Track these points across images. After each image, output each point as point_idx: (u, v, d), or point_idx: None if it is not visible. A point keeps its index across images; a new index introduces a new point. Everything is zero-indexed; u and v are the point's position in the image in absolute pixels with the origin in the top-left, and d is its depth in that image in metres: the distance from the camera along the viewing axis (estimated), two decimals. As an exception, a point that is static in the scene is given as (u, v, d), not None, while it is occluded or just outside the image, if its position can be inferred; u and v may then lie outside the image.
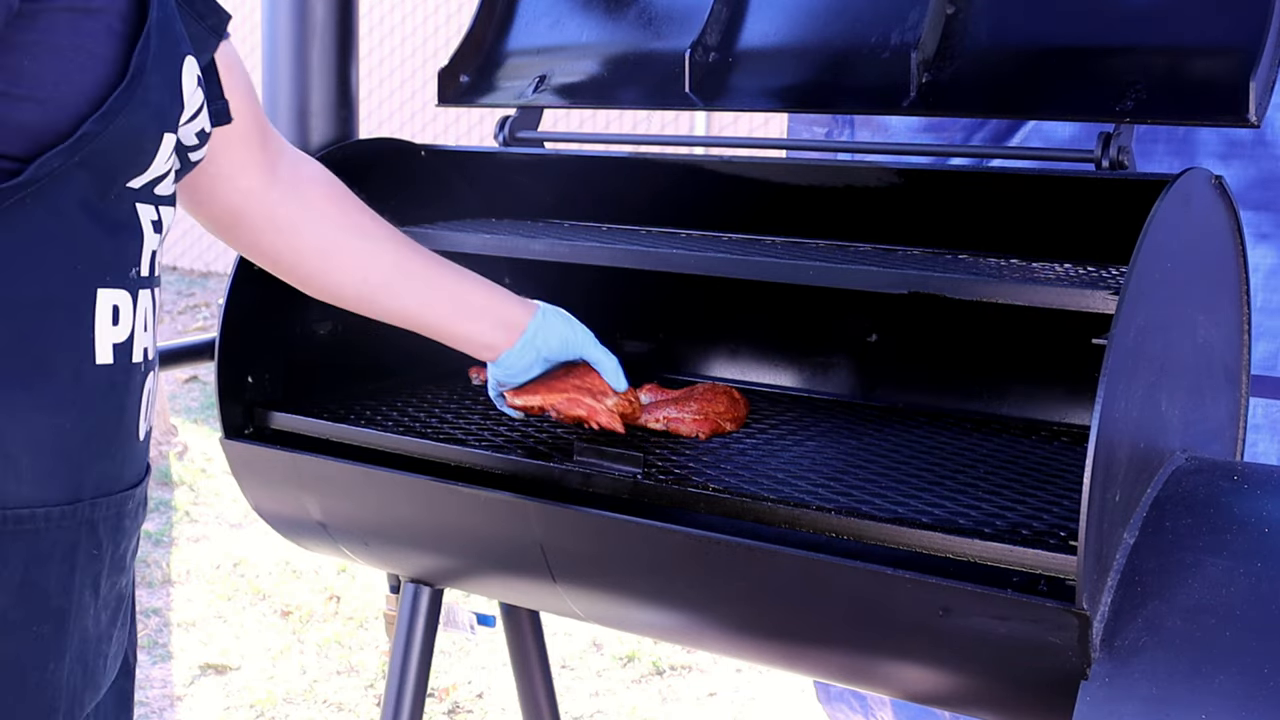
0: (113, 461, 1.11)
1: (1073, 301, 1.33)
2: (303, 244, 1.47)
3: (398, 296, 1.53)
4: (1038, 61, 1.59)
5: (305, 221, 1.47)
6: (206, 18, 1.19)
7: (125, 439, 1.12)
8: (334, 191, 1.49)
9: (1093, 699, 1.19)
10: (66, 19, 1.00)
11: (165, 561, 4.26)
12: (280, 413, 1.78)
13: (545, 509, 1.52)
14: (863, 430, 1.76)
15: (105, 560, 1.11)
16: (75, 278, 1.04)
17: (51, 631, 1.07)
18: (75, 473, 1.07)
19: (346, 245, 1.49)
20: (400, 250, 1.52)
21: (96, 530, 1.09)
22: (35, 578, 1.04)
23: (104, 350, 1.07)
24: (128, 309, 1.09)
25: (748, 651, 1.60)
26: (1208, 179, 1.42)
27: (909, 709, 2.58)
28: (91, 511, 1.08)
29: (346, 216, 1.49)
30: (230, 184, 1.40)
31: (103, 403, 1.09)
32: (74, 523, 1.07)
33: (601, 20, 1.95)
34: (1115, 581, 1.24)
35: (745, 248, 1.69)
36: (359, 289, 1.51)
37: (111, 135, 1.03)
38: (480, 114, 7.42)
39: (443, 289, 1.54)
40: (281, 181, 1.44)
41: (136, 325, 1.11)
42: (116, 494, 1.12)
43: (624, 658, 3.65)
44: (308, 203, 1.47)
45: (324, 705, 3.38)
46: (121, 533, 1.13)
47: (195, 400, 6.07)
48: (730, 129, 6.88)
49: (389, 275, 1.51)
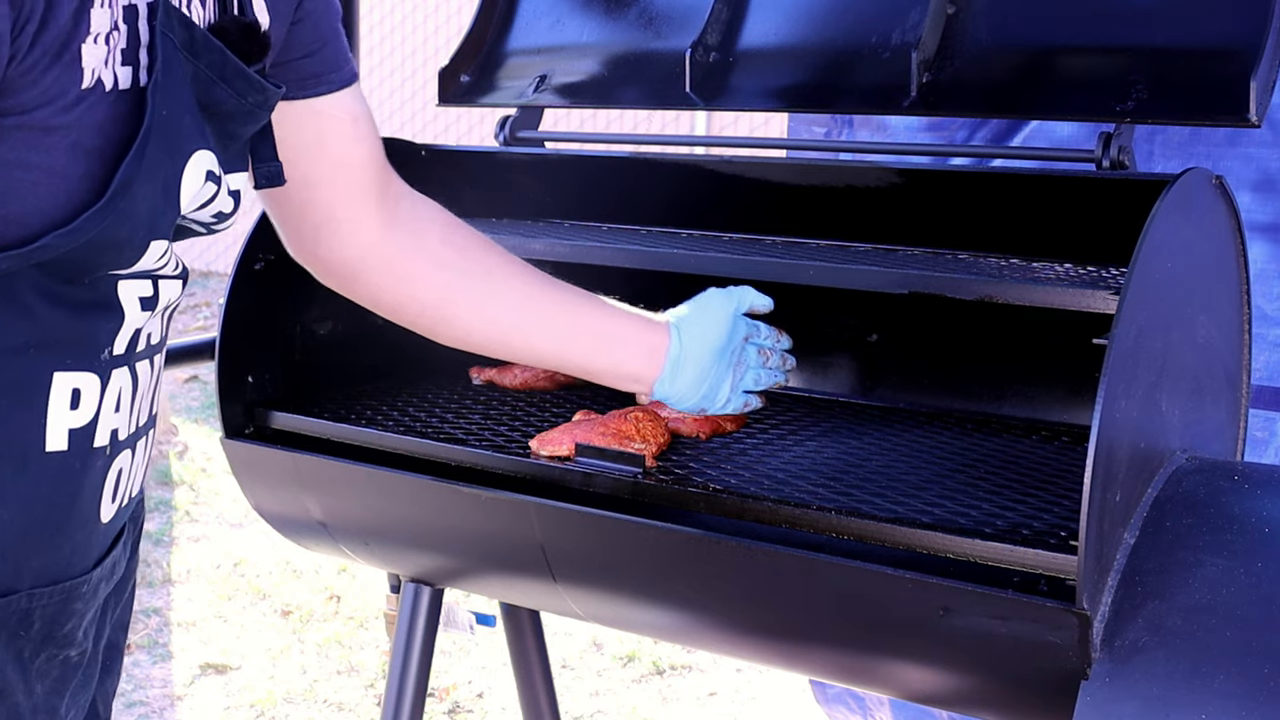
0: (58, 552, 1.03)
1: (1073, 301, 1.33)
2: (424, 294, 1.39)
3: (529, 336, 1.42)
4: (1038, 61, 1.59)
5: (424, 271, 1.38)
6: (248, 95, 1.07)
7: (78, 526, 1.05)
8: (453, 235, 1.40)
9: (1093, 699, 1.19)
10: (19, 136, 0.91)
11: (165, 561, 4.26)
12: (280, 412, 1.78)
13: (545, 509, 1.52)
14: (863, 430, 1.76)
15: (38, 640, 1.03)
16: (24, 361, 0.96)
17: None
18: (12, 565, 0.99)
19: (468, 289, 1.39)
20: (528, 286, 1.41)
21: (31, 617, 1.02)
22: None
23: (57, 437, 0.99)
24: (92, 392, 1.01)
25: (748, 651, 1.60)
26: (1208, 179, 1.42)
27: (907, 709, 2.58)
28: (28, 602, 1.01)
29: (466, 259, 1.39)
30: (348, 239, 1.34)
31: (52, 491, 1.01)
32: (9, 613, 0.99)
33: (602, 20, 1.95)
34: (1115, 581, 1.24)
35: (745, 248, 1.69)
36: (487, 333, 1.41)
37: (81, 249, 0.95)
38: (480, 114, 7.42)
39: (579, 322, 1.43)
40: (400, 230, 1.36)
41: (104, 408, 1.03)
42: (63, 583, 1.04)
43: (624, 658, 3.65)
44: (426, 249, 1.38)
45: (324, 705, 3.38)
46: (69, 614, 1.05)
47: (195, 400, 6.07)
48: (730, 129, 6.88)
49: (518, 316, 1.41)
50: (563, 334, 1.43)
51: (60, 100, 0.92)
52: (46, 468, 1.00)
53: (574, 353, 1.44)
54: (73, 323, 0.99)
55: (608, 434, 1.56)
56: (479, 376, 2.01)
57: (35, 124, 0.91)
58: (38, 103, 0.91)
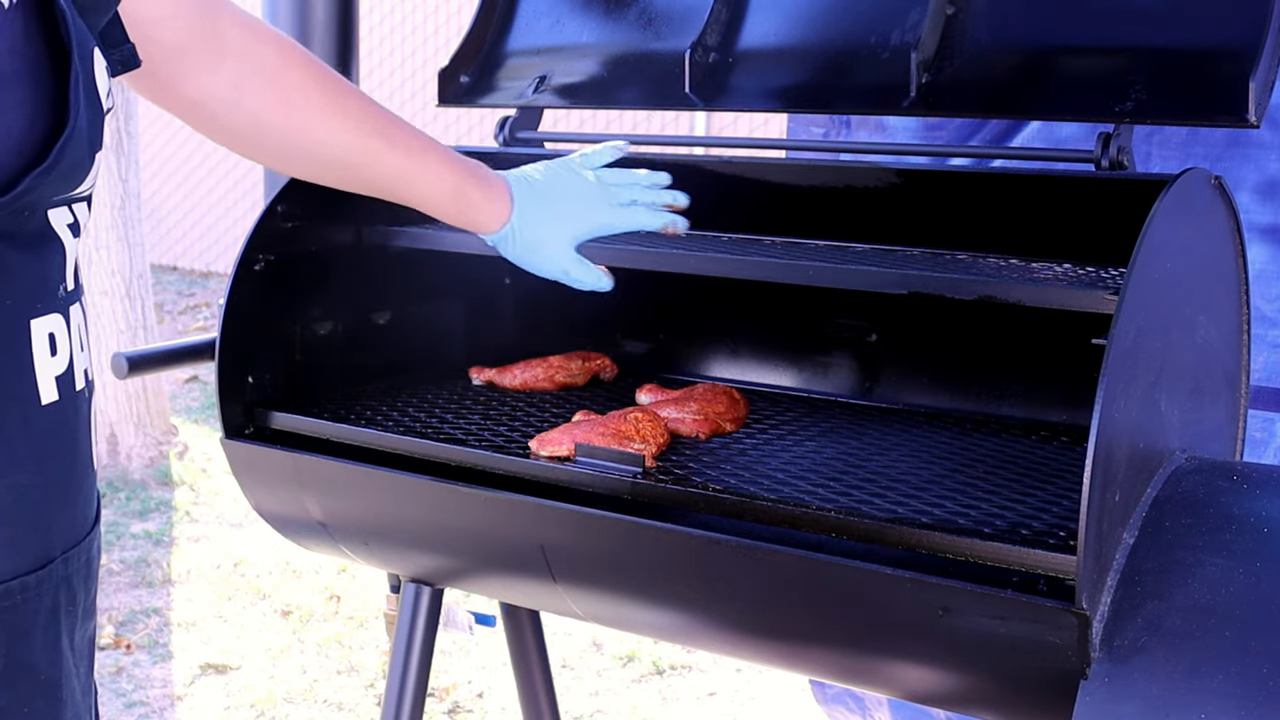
0: (74, 509, 1.01)
1: (1072, 301, 1.34)
2: (274, 125, 1.35)
3: (380, 160, 1.40)
4: (1038, 61, 1.59)
5: (272, 104, 1.33)
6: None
7: (83, 475, 1.02)
8: (291, 57, 1.36)
9: (1092, 699, 1.19)
10: None
11: (165, 561, 4.26)
12: (280, 413, 1.78)
13: (545, 509, 1.52)
14: (863, 430, 1.77)
15: (78, 613, 1.02)
16: (5, 313, 0.92)
17: (45, 706, 0.98)
18: (43, 533, 0.97)
19: (319, 109, 1.36)
20: (379, 115, 1.40)
21: (72, 584, 1.00)
22: (20, 655, 0.95)
23: (48, 388, 0.96)
24: (63, 333, 0.97)
25: (748, 651, 1.60)
26: (1207, 179, 1.42)
27: (906, 709, 2.58)
28: (65, 568, 0.99)
29: (307, 79, 1.36)
30: (187, 84, 1.29)
31: (57, 446, 0.97)
32: (51, 585, 0.97)
33: (601, 20, 1.95)
34: (1115, 581, 1.24)
35: (745, 248, 1.69)
36: (339, 155, 1.38)
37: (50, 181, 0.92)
38: (480, 114, 7.42)
39: (428, 146, 1.42)
40: (239, 67, 1.31)
41: (74, 348, 0.99)
42: (83, 540, 1.02)
43: (624, 658, 3.65)
44: (273, 80, 1.33)
45: (324, 705, 3.38)
46: (91, 576, 1.04)
47: (195, 400, 6.07)
48: (730, 129, 6.88)
49: (369, 141, 1.39)
50: (413, 157, 1.41)
51: None
52: (47, 422, 0.96)
53: (423, 179, 1.43)
54: (32, 263, 0.94)
55: (607, 434, 1.56)
56: (479, 376, 2.01)
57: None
58: None
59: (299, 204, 1.79)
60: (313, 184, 1.47)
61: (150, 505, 4.74)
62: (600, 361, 2.05)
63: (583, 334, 2.17)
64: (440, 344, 2.09)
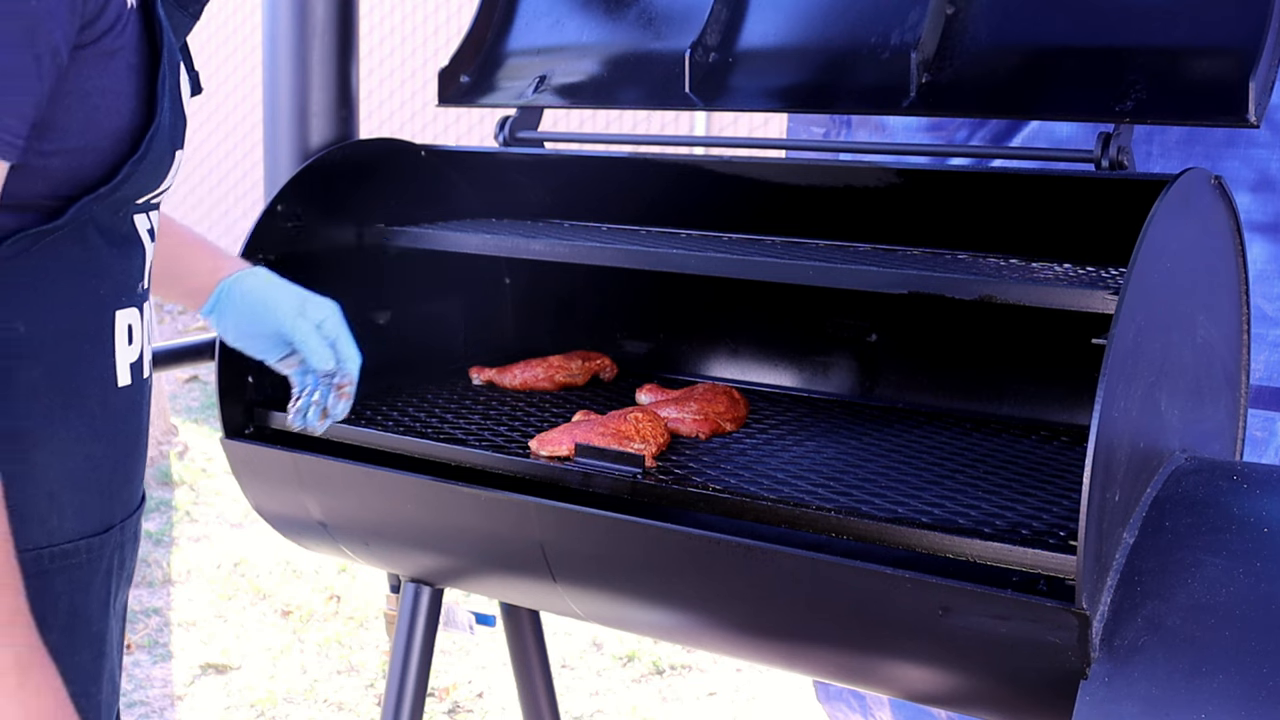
0: (132, 483, 1.13)
1: (1072, 301, 1.34)
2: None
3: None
4: (1038, 61, 1.59)
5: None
6: (189, 5, 1.17)
7: (140, 456, 1.14)
8: None
9: (1092, 698, 1.19)
10: (95, 63, 1.00)
11: (166, 561, 4.26)
12: (281, 413, 1.78)
13: (545, 509, 1.52)
14: (863, 430, 1.77)
15: (124, 577, 1.14)
16: (98, 303, 1.05)
17: (90, 657, 1.09)
18: (108, 501, 1.09)
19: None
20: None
21: (124, 551, 1.12)
22: (79, 606, 1.07)
23: (124, 372, 1.09)
24: (139, 326, 1.10)
25: (748, 651, 1.60)
26: (1207, 179, 1.42)
27: (907, 708, 2.59)
28: (121, 534, 1.11)
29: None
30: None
31: (125, 425, 1.10)
32: (110, 548, 1.09)
33: (601, 20, 1.95)
34: (1115, 581, 1.24)
35: (745, 248, 1.69)
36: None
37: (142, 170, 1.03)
38: (480, 114, 7.42)
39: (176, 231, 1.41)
40: None
41: (145, 340, 1.11)
42: (134, 512, 1.14)
43: (624, 657, 3.65)
44: None
45: (324, 705, 3.38)
46: (137, 546, 1.15)
47: (195, 400, 6.07)
48: (730, 129, 6.88)
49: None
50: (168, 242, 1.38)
51: (119, 23, 1.01)
52: (121, 402, 1.09)
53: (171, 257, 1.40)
54: (121, 260, 1.07)
55: (607, 434, 1.56)
56: (479, 376, 2.01)
57: (104, 49, 1.00)
58: (105, 28, 1.00)
59: (299, 204, 1.79)
60: (313, 184, 1.46)
61: (150, 505, 4.74)
62: (600, 361, 2.05)
63: (583, 334, 2.17)
64: (440, 344, 2.09)
